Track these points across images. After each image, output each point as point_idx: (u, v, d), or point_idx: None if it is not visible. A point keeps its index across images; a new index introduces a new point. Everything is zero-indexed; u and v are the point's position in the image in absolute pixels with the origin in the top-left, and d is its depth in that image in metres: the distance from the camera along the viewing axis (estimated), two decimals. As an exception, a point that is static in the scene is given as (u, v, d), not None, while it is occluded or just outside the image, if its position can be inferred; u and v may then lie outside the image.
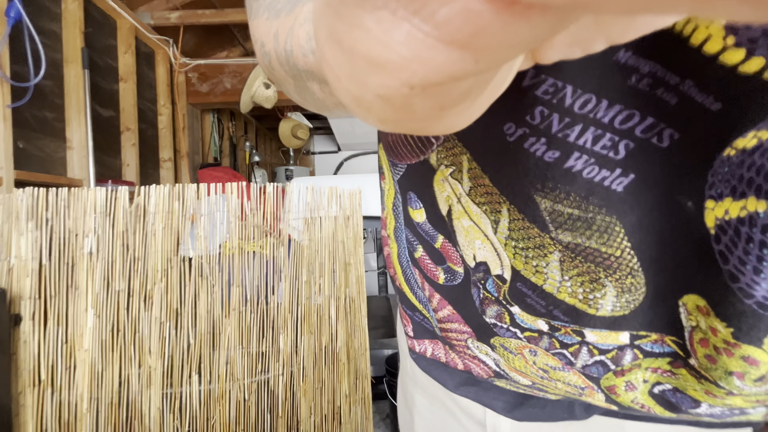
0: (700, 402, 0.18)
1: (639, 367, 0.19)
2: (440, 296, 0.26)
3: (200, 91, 2.89)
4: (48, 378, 1.04)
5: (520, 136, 0.17)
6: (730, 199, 0.14)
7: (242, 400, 1.15)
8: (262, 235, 1.23)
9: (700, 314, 0.17)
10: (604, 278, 0.18)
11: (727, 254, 0.15)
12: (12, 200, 1.07)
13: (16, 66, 1.50)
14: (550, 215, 0.17)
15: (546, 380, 0.23)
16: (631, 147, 0.15)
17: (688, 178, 0.15)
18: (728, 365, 0.16)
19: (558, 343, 0.21)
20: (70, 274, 1.06)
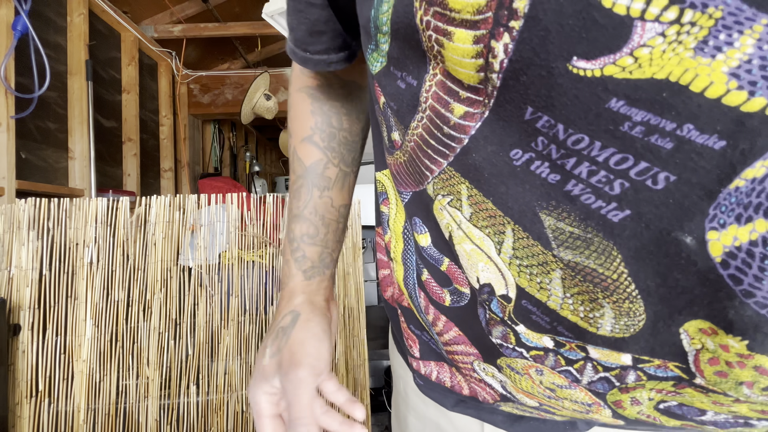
0: (706, 410, 0.19)
1: (643, 387, 0.20)
2: (446, 318, 0.26)
3: (202, 102, 2.92)
4: (45, 388, 1.04)
5: (527, 160, 0.18)
6: (735, 226, 0.15)
7: (240, 411, 1.15)
8: (262, 244, 1.24)
9: (705, 336, 0.17)
10: (602, 299, 0.18)
11: (740, 276, 0.15)
12: (14, 210, 1.08)
13: (21, 78, 1.52)
14: (553, 233, 0.18)
15: (553, 400, 0.23)
16: (626, 186, 0.16)
17: (687, 216, 0.16)
18: (740, 377, 0.17)
19: (563, 360, 0.21)
20: (69, 283, 1.07)
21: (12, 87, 1.44)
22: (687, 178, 0.15)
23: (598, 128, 0.16)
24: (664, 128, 0.15)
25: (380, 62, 0.23)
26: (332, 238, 0.35)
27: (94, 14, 2.00)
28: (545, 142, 0.17)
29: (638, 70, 0.14)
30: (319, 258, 0.33)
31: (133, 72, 2.25)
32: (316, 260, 0.33)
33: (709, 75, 0.13)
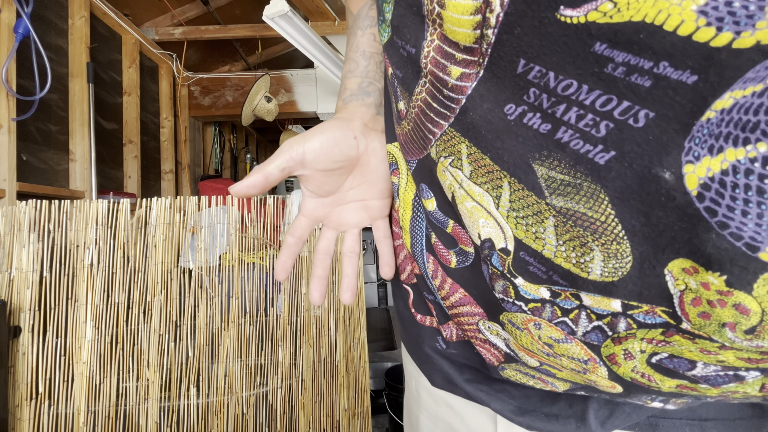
0: (696, 362, 0.19)
1: (634, 336, 0.20)
2: (452, 281, 0.27)
3: (202, 104, 2.93)
4: (45, 391, 1.04)
5: (520, 114, 0.19)
6: (708, 158, 0.16)
7: (240, 413, 1.14)
8: (262, 246, 1.24)
9: (687, 275, 0.18)
10: (591, 242, 0.19)
11: (715, 207, 0.16)
12: (15, 212, 1.08)
13: (22, 80, 1.53)
14: (545, 181, 0.20)
15: (552, 357, 0.23)
16: (610, 127, 0.17)
17: (665, 150, 0.17)
18: (722, 316, 0.17)
19: (559, 310, 0.22)
20: (70, 285, 1.07)
21: (13, 89, 1.45)
22: (664, 114, 0.16)
23: (585, 72, 0.17)
24: (643, 67, 0.16)
25: (386, 33, 0.25)
26: (374, 69, 0.35)
27: (96, 17, 2.01)
28: (537, 93, 0.18)
29: (617, 15, 0.15)
30: (358, 87, 0.34)
31: (134, 74, 2.25)
32: (354, 89, 0.34)
33: (680, 14, 0.14)
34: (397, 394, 1.56)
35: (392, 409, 1.58)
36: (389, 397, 1.59)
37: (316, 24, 2.41)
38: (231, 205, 1.19)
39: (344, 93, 0.35)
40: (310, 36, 1.96)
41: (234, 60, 3.19)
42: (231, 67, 3.21)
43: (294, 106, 2.98)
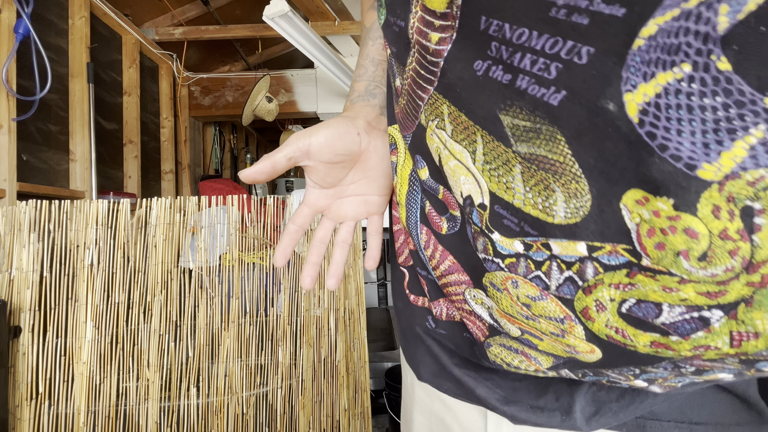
0: (661, 305, 0.20)
1: (602, 283, 0.21)
2: (442, 248, 0.29)
3: (202, 104, 2.93)
4: (45, 391, 1.04)
5: (486, 68, 0.21)
6: (643, 84, 0.17)
7: (240, 413, 1.14)
8: (262, 246, 1.24)
9: (640, 206, 0.18)
10: (553, 183, 0.20)
11: (654, 130, 0.17)
12: (15, 212, 1.08)
13: (22, 80, 1.53)
14: (510, 130, 0.21)
15: (531, 321, 0.24)
16: (560, 68, 0.18)
17: (607, 82, 0.17)
18: (675, 244, 0.18)
19: (533, 264, 0.22)
20: (70, 285, 1.07)
21: (13, 89, 1.45)
22: (602, 48, 0.17)
23: (534, 18, 0.18)
24: (581, 6, 0.17)
25: (383, 14, 0.27)
26: (380, 74, 0.38)
27: (96, 17, 2.01)
28: (497, 46, 0.20)
29: None
30: (365, 89, 0.37)
31: (134, 74, 2.25)
32: (362, 91, 0.37)
33: None
34: (397, 394, 1.56)
35: (392, 409, 1.58)
36: (389, 397, 1.59)
37: (316, 24, 2.42)
38: (231, 205, 1.19)
39: (352, 94, 0.37)
40: (310, 36, 1.96)
41: (234, 60, 3.19)
42: (231, 67, 3.21)
43: (294, 106, 2.98)
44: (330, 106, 2.99)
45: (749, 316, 0.17)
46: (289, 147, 0.31)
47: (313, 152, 0.32)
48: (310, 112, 3.02)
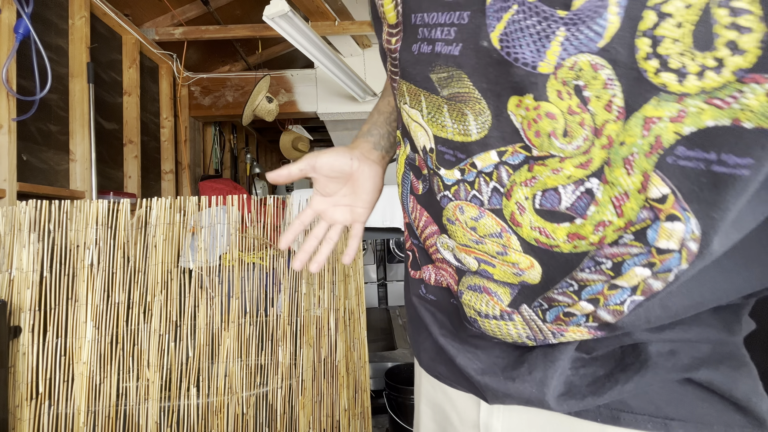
0: (557, 188, 0.25)
1: (516, 183, 0.26)
2: (420, 207, 0.35)
3: (202, 104, 2.93)
4: (46, 391, 1.04)
5: (418, 47, 0.29)
6: (497, 24, 0.24)
7: (240, 413, 1.14)
8: (262, 246, 1.24)
9: (518, 108, 0.25)
10: (464, 108, 0.27)
11: (509, 49, 0.24)
12: (15, 212, 1.08)
13: (22, 80, 1.53)
14: (437, 82, 0.28)
15: (480, 244, 0.29)
16: (455, 30, 0.27)
17: (480, 30, 0.25)
18: (544, 128, 0.24)
19: (468, 185, 0.29)
20: (70, 285, 1.07)
21: (13, 89, 1.45)
22: (473, 10, 0.25)
23: (438, 5, 0.27)
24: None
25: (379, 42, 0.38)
26: (381, 121, 0.49)
27: (96, 17, 2.01)
28: (422, 30, 0.29)
29: None
30: (367, 130, 0.48)
31: (134, 74, 2.25)
32: (364, 131, 0.48)
33: None
34: (397, 394, 1.56)
35: (392, 409, 1.58)
36: (389, 397, 1.59)
37: (316, 24, 2.41)
38: (231, 205, 1.19)
39: (359, 133, 0.49)
40: (310, 36, 1.96)
41: (234, 60, 3.19)
42: (231, 67, 3.21)
43: (294, 106, 2.98)
44: (330, 106, 2.99)
45: (613, 175, 0.22)
46: (301, 162, 0.43)
47: (317, 168, 0.43)
48: (310, 112, 3.02)
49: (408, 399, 1.53)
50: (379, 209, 1.77)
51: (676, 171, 0.21)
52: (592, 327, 0.27)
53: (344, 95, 2.95)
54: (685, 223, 0.21)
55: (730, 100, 0.19)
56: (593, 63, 0.21)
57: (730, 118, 0.19)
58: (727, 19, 0.18)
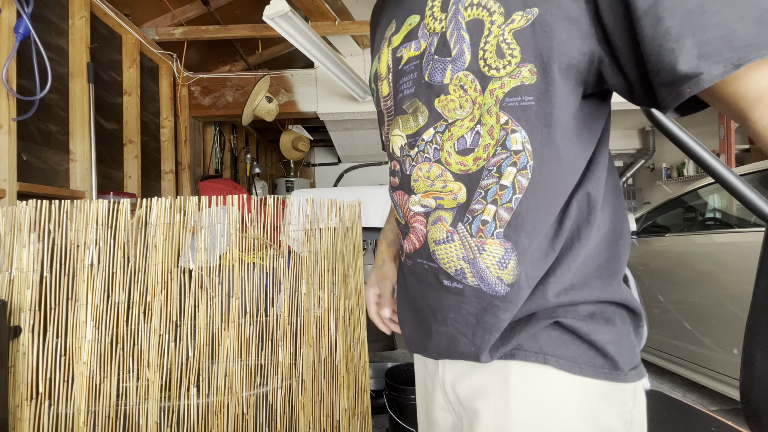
0: (463, 135, 0.43)
1: (444, 140, 0.44)
2: (399, 191, 0.49)
3: (202, 104, 2.93)
4: (46, 391, 1.04)
5: (400, 96, 0.49)
6: (426, 71, 0.45)
7: (240, 413, 1.14)
8: (262, 246, 1.24)
9: (440, 102, 0.44)
10: (418, 114, 0.46)
11: (431, 77, 0.44)
12: (15, 212, 1.08)
13: (22, 80, 1.53)
14: (406, 108, 0.48)
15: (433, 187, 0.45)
16: (411, 81, 0.47)
17: (421, 76, 0.45)
18: (450, 107, 0.43)
19: (421, 153, 0.46)
20: (70, 285, 1.07)
21: (14, 89, 1.45)
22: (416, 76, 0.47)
23: (402, 74, 0.49)
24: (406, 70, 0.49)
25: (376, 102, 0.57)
26: (391, 230, 0.68)
27: (96, 17, 2.01)
28: (399, 88, 0.48)
29: None
30: (392, 240, 0.67)
31: (134, 74, 2.25)
32: (390, 239, 0.67)
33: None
34: (397, 394, 1.56)
35: (392, 409, 1.58)
36: (389, 397, 1.59)
37: (316, 24, 2.41)
38: (231, 205, 1.19)
39: (386, 240, 0.67)
40: (310, 36, 1.96)
41: (234, 60, 3.18)
42: (231, 67, 3.21)
43: (294, 106, 2.98)
44: (330, 106, 2.99)
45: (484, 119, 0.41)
46: (370, 292, 0.65)
47: (379, 287, 0.65)
48: (310, 112, 3.01)
49: (408, 399, 1.53)
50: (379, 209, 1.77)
51: (508, 108, 0.39)
52: (500, 236, 0.40)
53: (344, 95, 2.94)
54: (519, 132, 0.39)
55: (516, 74, 0.39)
56: (465, 74, 0.41)
57: (520, 81, 0.38)
58: (506, 44, 0.39)
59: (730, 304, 1.77)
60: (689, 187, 2.20)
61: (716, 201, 2.18)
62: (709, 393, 2.09)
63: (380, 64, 0.51)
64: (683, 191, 2.24)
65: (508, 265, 0.40)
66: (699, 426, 0.84)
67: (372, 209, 1.77)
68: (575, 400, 0.41)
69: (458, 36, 0.41)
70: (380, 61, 0.51)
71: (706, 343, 1.90)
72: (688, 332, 2.00)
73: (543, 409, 0.41)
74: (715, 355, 1.85)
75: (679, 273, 2.04)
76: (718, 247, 1.86)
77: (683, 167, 4.61)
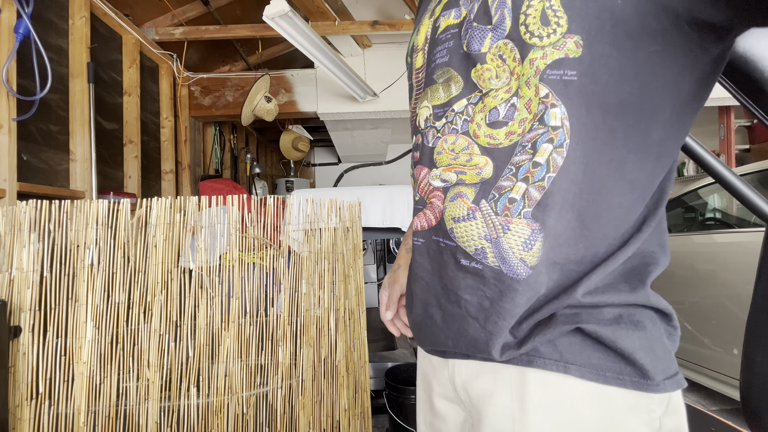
0: (496, 106, 0.40)
1: (475, 112, 0.41)
2: (419, 165, 0.47)
3: (202, 104, 2.93)
4: (46, 391, 1.04)
5: (433, 66, 0.47)
6: (464, 40, 0.42)
7: (240, 413, 1.14)
8: (263, 246, 1.24)
9: (476, 72, 0.41)
10: (450, 83, 0.44)
11: (469, 46, 0.42)
12: (15, 212, 1.08)
13: (22, 80, 1.53)
14: (436, 78, 0.46)
15: (457, 159, 0.42)
16: (446, 50, 0.46)
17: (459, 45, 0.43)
18: (486, 77, 0.41)
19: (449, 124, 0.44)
20: (70, 285, 1.07)
21: (14, 89, 1.45)
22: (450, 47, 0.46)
23: (437, 43, 0.46)
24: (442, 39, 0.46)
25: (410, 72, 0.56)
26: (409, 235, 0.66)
27: (96, 17, 2.01)
28: (433, 57, 0.46)
29: None
30: (410, 246, 0.65)
31: (134, 74, 2.25)
32: (409, 246, 0.65)
33: None
34: (397, 394, 1.56)
35: (392, 409, 1.58)
36: (389, 397, 1.59)
37: (316, 24, 2.41)
38: (231, 205, 1.19)
39: (406, 245, 0.65)
40: (310, 36, 1.96)
41: (234, 60, 3.18)
42: (231, 67, 3.21)
43: (294, 106, 2.98)
44: (330, 106, 2.99)
45: (522, 91, 0.38)
46: (382, 294, 0.64)
47: (389, 290, 0.63)
48: (310, 112, 3.01)
49: (408, 399, 1.53)
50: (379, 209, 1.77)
51: (549, 81, 0.36)
52: (527, 216, 0.38)
53: (344, 95, 2.94)
54: (559, 107, 0.36)
55: (561, 46, 0.36)
56: (504, 42, 0.39)
57: (564, 53, 0.36)
58: (552, 11, 0.36)
59: (730, 304, 1.77)
60: (689, 187, 2.20)
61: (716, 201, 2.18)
62: (709, 393, 2.09)
63: (419, 36, 0.49)
64: (683, 191, 2.24)
65: (534, 246, 0.37)
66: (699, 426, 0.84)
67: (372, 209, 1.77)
68: (598, 410, 0.38)
69: (500, 1, 0.38)
70: (419, 33, 0.49)
71: (706, 343, 1.90)
72: (688, 332, 2.00)
73: (563, 417, 0.39)
74: (715, 355, 1.85)
75: (679, 273, 2.04)
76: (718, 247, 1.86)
77: (683, 167, 4.62)
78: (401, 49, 2.94)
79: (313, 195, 1.35)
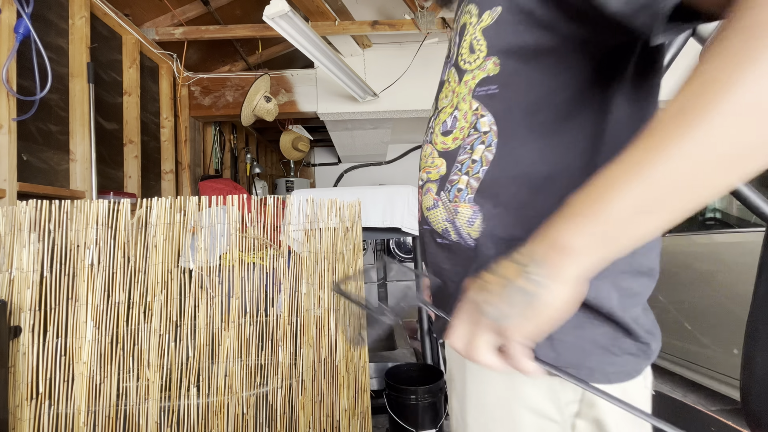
0: (445, 120, 0.52)
1: (435, 125, 0.54)
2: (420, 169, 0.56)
3: (203, 104, 2.93)
4: (46, 391, 1.04)
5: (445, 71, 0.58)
6: None
7: (240, 413, 1.14)
8: (262, 246, 1.24)
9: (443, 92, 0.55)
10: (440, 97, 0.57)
11: None
12: (15, 212, 1.08)
13: (22, 80, 1.53)
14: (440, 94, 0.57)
15: (425, 162, 0.54)
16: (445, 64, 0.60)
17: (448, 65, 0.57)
18: (440, 98, 0.55)
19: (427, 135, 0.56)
20: (70, 285, 1.07)
21: (14, 89, 1.45)
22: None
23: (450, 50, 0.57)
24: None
25: None
26: None
27: (96, 17, 2.01)
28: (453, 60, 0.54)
29: None
30: None
31: (134, 74, 2.25)
32: None
33: None
34: (397, 394, 1.56)
35: (392, 409, 1.58)
36: (389, 397, 1.59)
37: (316, 24, 2.41)
38: (231, 205, 1.19)
39: None
40: (310, 36, 1.96)
41: (234, 60, 3.18)
42: (231, 67, 3.21)
43: (294, 106, 2.98)
44: (330, 106, 2.99)
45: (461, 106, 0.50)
46: None
47: None
48: (310, 112, 3.01)
49: (408, 399, 1.53)
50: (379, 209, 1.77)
51: (478, 96, 0.47)
52: (470, 201, 0.47)
53: (344, 95, 2.94)
54: (487, 116, 0.47)
55: (483, 67, 0.46)
56: (451, 70, 0.52)
57: (486, 73, 0.46)
58: (476, 41, 0.47)
59: (730, 304, 1.77)
60: (689, 187, 2.20)
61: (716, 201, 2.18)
62: (709, 393, 2.09)
63: None
64: (683, 191, 2.24)
65: (474, 223, 0.47)
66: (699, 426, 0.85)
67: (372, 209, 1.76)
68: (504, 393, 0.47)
69: (455, 41, 0.51)
70: None
71: (706, 343, 1.90)
72: (688, 332, 2.01)
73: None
74: (715, 355, 1.85)
75: (679, 273, 2.04)
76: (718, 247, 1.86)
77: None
78: (401, 49, 2.94)
79: (313, 195, 1.35)
